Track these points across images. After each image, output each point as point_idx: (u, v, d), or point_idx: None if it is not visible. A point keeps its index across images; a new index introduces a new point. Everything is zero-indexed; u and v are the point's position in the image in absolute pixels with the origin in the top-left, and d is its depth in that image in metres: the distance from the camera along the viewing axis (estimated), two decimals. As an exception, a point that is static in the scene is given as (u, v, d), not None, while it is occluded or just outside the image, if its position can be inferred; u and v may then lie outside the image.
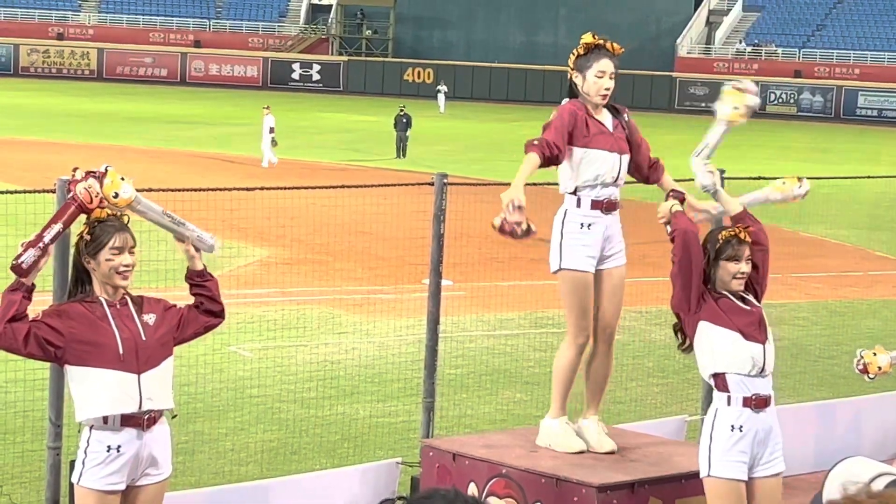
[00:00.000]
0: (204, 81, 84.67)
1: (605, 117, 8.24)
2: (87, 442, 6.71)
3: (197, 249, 6.93)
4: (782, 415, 11.34)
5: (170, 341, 6.88)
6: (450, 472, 8.43)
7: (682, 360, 16.37)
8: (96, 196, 6.54)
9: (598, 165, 8.12)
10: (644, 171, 8.37)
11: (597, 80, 8.11)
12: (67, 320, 6.65)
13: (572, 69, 8.21)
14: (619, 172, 8.22)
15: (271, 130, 40.24)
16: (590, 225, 8.16)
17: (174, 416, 6.90)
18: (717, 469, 7.35)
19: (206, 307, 7.02)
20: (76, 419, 6.83)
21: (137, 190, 6.69)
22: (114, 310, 6.71)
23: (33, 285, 6.65)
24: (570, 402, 8.64)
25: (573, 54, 8.21)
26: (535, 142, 7.93)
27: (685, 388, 14.68)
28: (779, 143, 57.55)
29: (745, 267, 7.45)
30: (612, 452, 8.45)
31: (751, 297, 7.53)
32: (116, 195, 6.57)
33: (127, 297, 6.78)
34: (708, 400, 11.29)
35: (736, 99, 7.90)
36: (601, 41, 8.16)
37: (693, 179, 7.98)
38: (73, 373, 6.70)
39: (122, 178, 6.58)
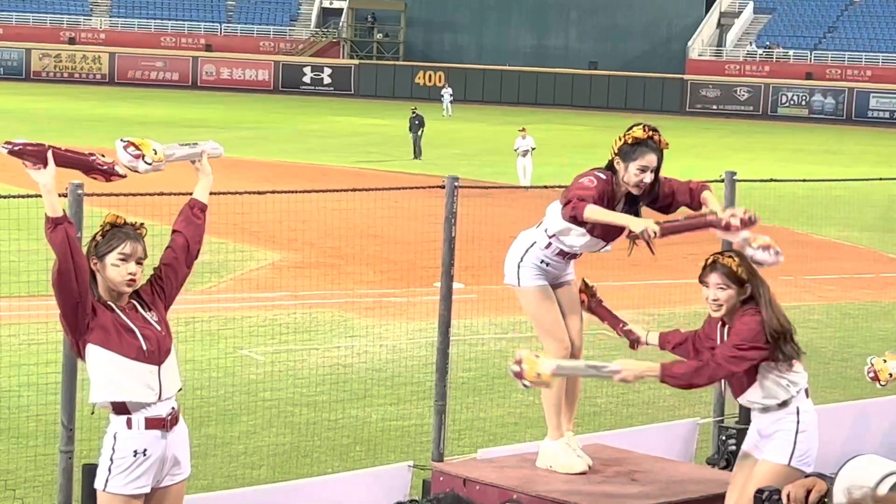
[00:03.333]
0: (215, 85, 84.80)
1: (621, 201, 8.25)
2: (113, 449, 6.71)
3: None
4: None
5: (167, 321, 6.88)
6: None
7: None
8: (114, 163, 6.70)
9: (582, 243, 8.26)
10: (692, 205, 8.30)
11: (638, 173, 8.07)
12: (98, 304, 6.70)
13: (616, 153, 8.11)
14: (595, 251, 8.38)
15: (525, 154, 37.53)
16: (548, 265, 8.37)
17: (179, 390, 6.91)
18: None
19: (191, 248, 6.97)
20: (90, 400, 6.80)
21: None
22: (125, 313, 6.73)
23: (65, 214, 6.62)
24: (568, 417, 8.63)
25: (620, 140, 8.11)
26: (580, 197, 7.92)
27: (697, 392, 14.65)
28: (791, 146, 57.49)
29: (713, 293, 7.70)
30: (584, 473, 8.47)
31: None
32: (156, 151, 6.77)
33: (133, 301, 6.80)
34: (720, 402, 11.31)
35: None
36: (650, 135, 8.10)
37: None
38: (94, 354, 6.68)
39: (138, 142, 6.76)
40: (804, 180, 14.44)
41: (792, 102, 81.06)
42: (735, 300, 7.67)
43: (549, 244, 8.31)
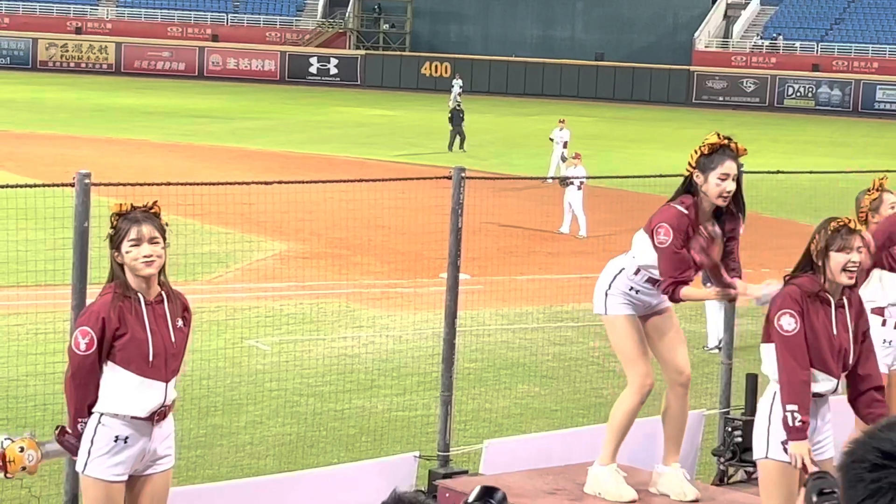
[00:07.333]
0: (221, 75, 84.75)
1: (709, 222, 8.02)
2: (95, 430, 6.75)
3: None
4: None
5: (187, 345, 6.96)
6: None
7: (700, 355, 16.38)
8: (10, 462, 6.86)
9: None
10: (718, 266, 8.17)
11: (720, 182, 7.83)
12: (102, 322, 6.70)
13: (693, 167, 7.89)
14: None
15: (565, 145, 36.37)
16: (638, 292, 8.16)
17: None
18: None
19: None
20: (93, 407, 6.83)
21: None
22: (149, 308, 6.74)
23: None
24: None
25: (696, 152, 7.88)
26: (674, 280, 7.81)
27: (703, 383, 14.66)
28: (797, 138, 57.41)
29: (855, 256, 7.24)
30: (696, 501, 8.24)
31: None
32: (24, 468, 6.89)
33: (163, 293, 6.82)
34: (727, 394, 11.33)
35: None
36: (726, 142, 7.89)
37: None
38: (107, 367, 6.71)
39: (21, 449, 6.88)
40: (810, 172, 14.46)
41: (798, 94, 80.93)
42: None
43: (639, 270, 8.09)
